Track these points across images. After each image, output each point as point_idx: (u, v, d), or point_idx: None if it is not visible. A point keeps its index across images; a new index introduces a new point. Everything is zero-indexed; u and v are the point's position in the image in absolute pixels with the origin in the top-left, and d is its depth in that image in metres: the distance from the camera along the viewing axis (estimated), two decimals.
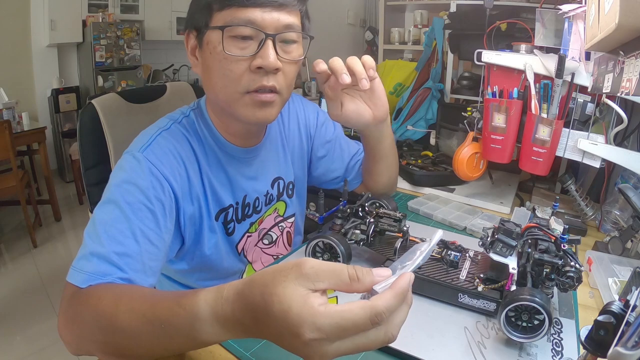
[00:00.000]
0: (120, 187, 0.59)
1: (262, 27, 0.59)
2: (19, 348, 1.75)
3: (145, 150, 0.63)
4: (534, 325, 0.53)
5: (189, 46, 0.67)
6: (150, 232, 0.59)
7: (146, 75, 4.07)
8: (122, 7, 3.93)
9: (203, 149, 0.71)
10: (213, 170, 0.71)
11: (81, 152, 0.91)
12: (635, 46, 0.66)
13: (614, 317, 0.37)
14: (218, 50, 0.60)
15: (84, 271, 0.53)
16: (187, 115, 0.72)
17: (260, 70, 0.61)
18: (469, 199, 1.11)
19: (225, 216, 0.74)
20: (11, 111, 2.81)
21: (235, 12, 0.59)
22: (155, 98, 1.02)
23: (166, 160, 0.64)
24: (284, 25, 0.61)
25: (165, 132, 0.67)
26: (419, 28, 2.68)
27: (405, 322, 0.38)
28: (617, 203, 0.92)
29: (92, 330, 0.48)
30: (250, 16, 0.59)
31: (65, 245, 2.68)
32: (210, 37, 0.61)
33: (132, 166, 0.61)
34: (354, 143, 0.96)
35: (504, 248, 0.60)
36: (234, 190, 0.75)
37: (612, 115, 0.85)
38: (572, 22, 0.91)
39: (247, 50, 0.60)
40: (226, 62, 0.61)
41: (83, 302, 0.51)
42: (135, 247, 0.56)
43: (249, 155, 0.76)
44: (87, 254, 0.54)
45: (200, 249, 0.73)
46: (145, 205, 0.59)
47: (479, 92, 1.05)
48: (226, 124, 0.71)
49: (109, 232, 0.55)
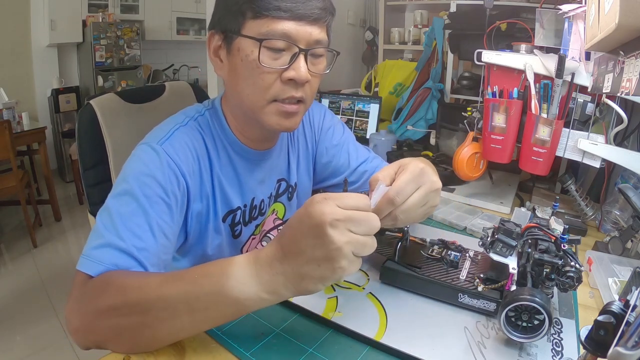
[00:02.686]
0: (139, 179, 0.59)
1: (295, 41, 0.60)
2: (19, 348, 1.75)
3: (164, 143, 0.63)
4: (534, 325, 0.53)
5: (212, 46, 0.67)
6: (166, 225, 0.59)
7: (146, 75, 4.08)
8: (122, 7, 3.93)
9: (216, 148, 0.71)
10: (224, 171, 0.71)
11: (80, 153, 0.90)
12: (635, 46, 0.65)
13: (614, 317, 0.37)
14: (251, 59, 0.60)
15: (103, 262, 0.53)
16: (202, 114, 0.71)
17: (290, 82, 0.62)
18: (469, 199, 1.11)
19: (232, 218, 0.74)
20: (11, 111, 2.81)
21: (270, 23, 0.59)
22: (154, 98, 1.02)
23: (183, 156, 0.64)
24: (315, 40, 0.62)
25: (183, 128, 0.67)
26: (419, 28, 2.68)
27: (405, 322, 0.38)
28: (617, 203, 0.92)
29: (115, 312, 0.49)
30: (285, 29, 0.59)
31: (65, 245, 2.68)
32: (241, 44, 0.61)
33: (152, 158, 0.61)
34: (364, 149, 0.93)
35: (504, 248, 0.60)
36: (243, 192, 0.75)
37: (612, 115, 0.85)
38: (572, 22, 0.91)
39: (280, 62, 0.61)
40: (258, 72, 0.61)
41: (103, 284, 0.51)
42: (153, 242, 0.57)
43: (261, 158, 0.76)
44: (104, 245, 0.54)
45: (202, 248, 0.73)
46: (163, 199, 0.59)
47: (479, 92, 1.05)
48: (244, 127, 0.71)
49: (127, 225, 0.55)
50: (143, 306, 0.48)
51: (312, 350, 0.54)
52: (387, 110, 1.71)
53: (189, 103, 0.76)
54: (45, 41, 3.50)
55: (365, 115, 1.63)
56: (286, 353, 0.54)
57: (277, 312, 0.61)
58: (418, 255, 0.71)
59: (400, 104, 1.58)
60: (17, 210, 2.78)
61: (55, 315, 1.93)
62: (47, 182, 2.89)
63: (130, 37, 3.85)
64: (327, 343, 0.56)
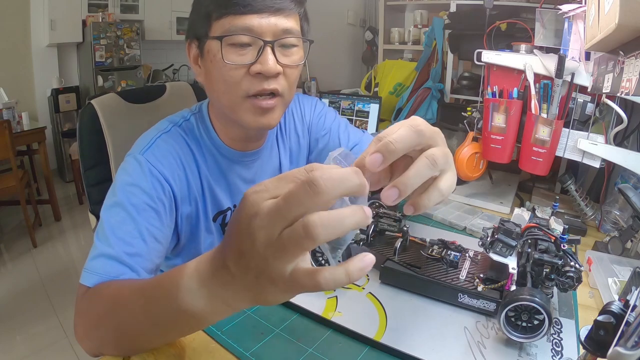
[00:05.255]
0: (125, 189, 0.61)
1: (259, 34, 0.60)
2: (19, 348, 1.75)
3: (146, 152, 0.65)
4: (534, 325, 0.53)
5: (191, 55, 0.68)
6: (156, 230, 0.61)
7: (146, 75, 4.07)
8: (122, 7, 3.92)
9: (202, 152, 0.72)
10: (212, 173, 0.73)
11: (81, 152, 0.91)
12: (635, 46, 0.66)
13: (614, 317, 0.37)
14: (218, 59, 0.61)
15: (96, 273, 0.55)
16: (188, 119, 0.73)
17: (259, 75, 0.61)
18: (469, 199, 1.11)
19: (223, 218, 0.76)
20: (11, 111, 2.81)
21: (233, 20, 0.59)
22: (154, 98, 1.02)
23: (166, 162, 0.65)
24: (282, 30, 0.61)
25: (165, 135, 0.68)
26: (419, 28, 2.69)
27: (405, 322, 0.37)
28: (617, 203, 0.92)
29: (104, 322, 0.49)
30: (247, 23, 0.59)
31: (65, 245, 2.68)
32: (210, 46, 0.62)
33: (134, 168, 0.63)
34: (357, 132, 0.91)
35: (504, 248, 0.60)
36: (232, 193, 0.76)
37: (612, 115, 0.85)
38: (572, 22, 0.91)
39: (247, 57, 0.61)
40: (226, 69, 0.61)
41: (93, 295, 0.53)
42: (144, 247, 0.58)
43: (248, 159, 0.76)
44: (98, 256, 0.56)
45: (195, 247, 0.74)
46: (150, 205, 0.61)
47: (478, 92, 1.05)
48: (228, 128, 0.72)
49: (117, 234, 0.57)
50: (115, 319, 0.48)
51: (312, 350, 0.54)
52: (387, 110, 1.71)
53: (189, 103, 0.77)
54: (45, 41, 3.49)
55: (365, 115, 1.63)
56: (286, 353, 0.54)
57: (277, 312, 0.61)
58: (418, 255, 0.71)
59: (400, 103, 1.58)
60: (16, 210, 2.78)
61: (55, 315, 1.93)
62: (47, 182, 2.89)
63: (130, 37, 3.85)
64: (327, 343, 0.56)
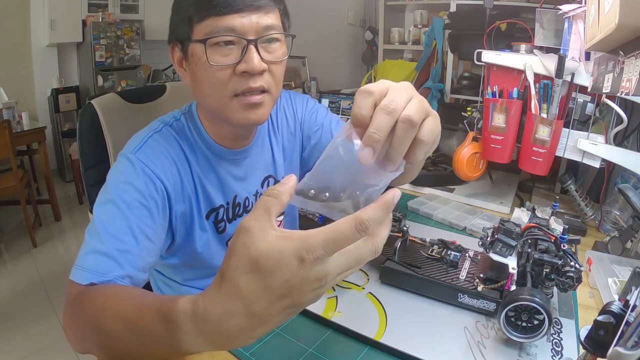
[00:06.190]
0: (117, 187, 0.61)
1: (242, 33, 0.60)
2: (19, 348, 1.75)
3: (138, 152, 0.65)
4: (534, 325, 0.53)
5: (175, 59, 0.69)
6: (148, 228, 0.61)
7: (146, 75, 4.07)
8: (122, 6, 3.92)
9: (193, 150, 0.72)
10: (204, 171, 0.73)
11: (81, 152, 0.91)
12: (635, 46, 0.66)
13: (614, 317, 0.37)
14: (203, 61, 0.61)
15: (85, 269, 0.55)
16: (178, 119, 0.74)
17: (245, 74, 0.62)
18: (469, 199, 1.11)
19: (215, 216, 0.76)
20: (11, 111, 2.81)
21: (214, 22, 0.59)
22: (155, 98, 1.02)
23: (158, 161, 0.66)
24: (264, 27, 0.62)
25: (156, 134, 0.69)
26: (419, 28, 2.69)
27: (405, 322, 0.38)
28: (617, 203, 0.92)
29: (89, 332, 0.50)
30: (229, 24, 0.59)
31: (65, 245, 2.68)
32: (194, 49, 0.63)
33: (127, 167, 0.64)
34: None
35: (504, 248, 0.60)
36: (224, 191, 0.76)
37: (612, 115, 0.85)
38: (572, 22, 0.91)
39: (231, 57, 0.61)
40: (212, 71, 0.62)
41: (79, 303, 0.52)
42: (134, 244, 0.58)
43: (238, 157, 0.77)
44: (89, 252, 0.56)
45: (191, 246, 0.74)
46: (142, 203, 0.61)
47: (479, 92, 1.05)
48: (217, 127, 0.73)
49: (108, 230, 0.57)
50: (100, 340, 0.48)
51: (312, 350, 0.54)
52: None
53: (189, 102, 0.77)
54: (45, 41, 3.49)
55: None
56: (286, 353, 0.54)
57: None
58: (418, 255, 0.71)
59: None
60: (16, 210, 2.78)
61: (55, 315, 1.93)
62: (47, 181, 2.89)
63: (130, 37, 3.85)
64: (327, 343, 0.56)
